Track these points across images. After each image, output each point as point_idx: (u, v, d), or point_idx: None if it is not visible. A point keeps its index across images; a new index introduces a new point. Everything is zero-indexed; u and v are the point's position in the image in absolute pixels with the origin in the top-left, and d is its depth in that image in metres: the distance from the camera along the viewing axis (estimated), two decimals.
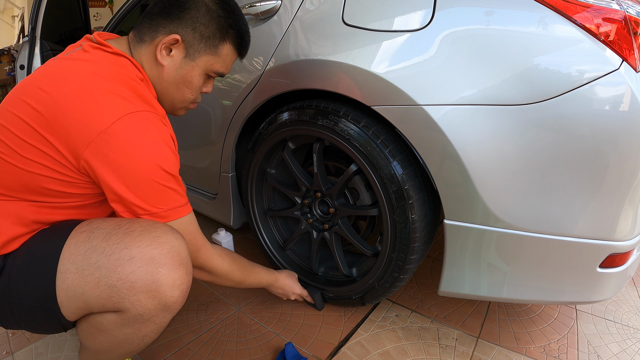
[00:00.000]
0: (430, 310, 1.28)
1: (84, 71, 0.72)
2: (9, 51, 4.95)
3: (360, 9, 0.95)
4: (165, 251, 0.69)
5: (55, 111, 0.68)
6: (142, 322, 0.71)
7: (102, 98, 0.69)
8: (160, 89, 0.85)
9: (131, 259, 0.67)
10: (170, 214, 0.76)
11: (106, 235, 0.70)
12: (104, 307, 0.69)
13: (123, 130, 0.68)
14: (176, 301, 0.71)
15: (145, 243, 0.69)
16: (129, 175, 0.70)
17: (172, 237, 0.72)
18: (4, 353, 1.08)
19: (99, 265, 0.67)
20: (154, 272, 0.68)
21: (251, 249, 1.64)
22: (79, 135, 0.68)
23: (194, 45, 0.81)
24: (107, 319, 0.71)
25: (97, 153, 0.68)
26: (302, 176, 1.18)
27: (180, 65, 0.82)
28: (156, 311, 0.70)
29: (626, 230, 0.85)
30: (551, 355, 1.11)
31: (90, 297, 0.68)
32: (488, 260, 0.93)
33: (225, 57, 0.86)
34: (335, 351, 1.10)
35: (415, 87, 0.86)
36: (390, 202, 0.99)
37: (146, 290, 0.67)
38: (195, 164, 1.48)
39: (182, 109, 0.91)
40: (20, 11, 8.59)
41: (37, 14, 1.88)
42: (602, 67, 0.75)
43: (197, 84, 0.86)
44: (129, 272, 0.67)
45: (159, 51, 0.80)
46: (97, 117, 0.67)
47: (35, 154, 0.69)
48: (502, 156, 0.83)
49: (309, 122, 1.07)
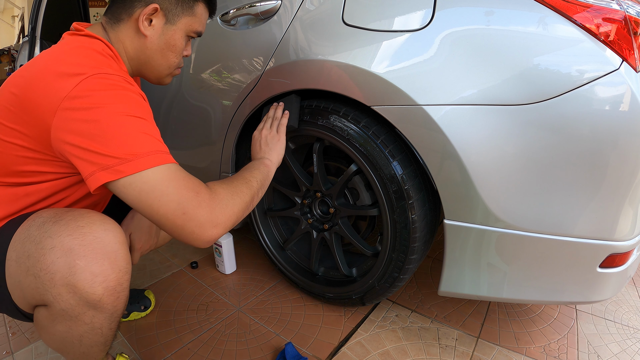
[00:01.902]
0: (430, 310, 1.28)
1: (52, 52, 0.73)
2: (9, 51, 4.95)
3: (360, 9, 0.95)
4: (86, 242, 0.65)
5: (27, 91, 0.68)
6: (70, 320, 0.68)
7: (63, 69, 0.68)
8: (145, 59, 0.87)
9: (52, 249, 0.64)
10: (150, 159, 0.65)
11: (41, 224, 0.68)
12: (35, 299, 0.68)
13: (83, 89, 0.65)
14: (100, 299, 0.66)
15: (67, 232, 0.65)
16: (97, 132, 0.64)
17: (98, 227, 0.67)
18: (4, 353, 1.08)
19: (29, 254, 0.66)
20: (71, 264, 0.64)
21: (251, 249, 1.64)
22: (46, 105, 0.66)
23: (172, 10, 0.84)
24: (41, 313, 0.70)
25: (63, 119, 0.65)
26: (302, 176, 1.18)
27: (162, 32, 0.85)
28: (80, 308, 0.66)
29: (626, 230, 0.85)
30: (551, 355, 1.11)
31: (24, 286, 0.68)
32: (488, 260, 0.93)
33: (201, 16, 0.90)
34: (335, 351, 1.10)
35: (415, 87, 0.86)
36: (390, 202, 0.99)
37: (64, 283, 0.64)
38: (195, 164, 1.48)
39: (168, 75, 0.93)
40: (20, 11, 8.59)
41: (37, 14, 1.88)
42: (602, 67, 0.75)
43: (180, 47, 0.89)
44: (49, 263, 0.64)
45: (141, 23, 0.82)
46: (59, 84, 0.66)
47: (12, 134, 0.70)
48: (502, 156, 0.83)
49: (308, 122, 1.07)
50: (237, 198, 0.78)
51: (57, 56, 0.71)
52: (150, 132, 0.68)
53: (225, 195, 0.75)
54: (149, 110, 0.74)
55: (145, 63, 0.88)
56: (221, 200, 0.73)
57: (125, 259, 0.69)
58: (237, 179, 0.85)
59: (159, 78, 0.93)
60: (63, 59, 0.70)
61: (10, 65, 4.68)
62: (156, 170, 0.65)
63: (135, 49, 0.86)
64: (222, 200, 0.73)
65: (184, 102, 1.37)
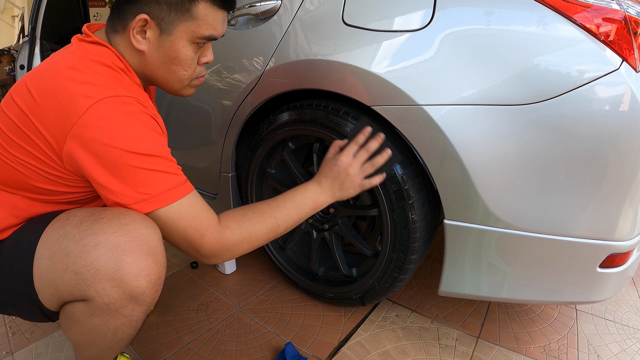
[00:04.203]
0: (430, 310, 1.28)
1: (61, 65, 0.70)
2: (9, 51, 4.95)
3: (360, 9, 0.95)
4: (131, 239, 0.67)
5: (36, 111, 0.68)
6: (110, 313, 0.69)
7: (74, 89, 0.67)
8: (151, 75, 0.80)
9: (96, 245, 0.66)
10: (161, 199, 0.70)
11: (78, 222, 0.69)
12: (72, 295, 0.69)
13: (96, 117, 0.66)
14: (143, 292, 0.68)
15: (111, 229, 0.67)
16: (109, 163, 0.67)
17: (141, 225, 0.69)
18: (4, 353, 1.08)
19: (68, 252, 0.67)
20: (117, 260, 0.66)
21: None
22: (57, 130, 0.67)
23: (164, 19, 0.74)
24: (77, 308, 0.71)
25: (75, 146, 0.67)
26: (302, 176, 1.18)
27: (159, 45, 0.76)
28: (123, 301, 0.68)
29: (626, 230, 0.85)
30: (551, 355, 1.11)
31: (60, 284, 0.68)
32: (488, 260, 0.93)
33: (206, 17, 0.76)
34: (335, 351, 1.10)
35: (415, 87, 0.86)
36: (390, 202, 0.99)
37: (110, 278, 0.66)
38: (195, 164, 1.47)
39: (185, 87, 0.84)
40: (20, 11, 8.59)
41: (37, 14, 1.88)
42: (602, 67, 0.75)
43: (187, 58, 0.78)
44: (93, 259, 0.65)
45: (132, 38, 0.74)
46: (70, 108, 0.66)
47: (25, 154, 0.70)
48: (502, 156, 0.83)
49: (309, 121, 1.07)
50: (246, 245, 0.81)
51: (66, 73, 0.69)
52: (161, 167, 0.70)
53: (232, 242, 0.78)
54: (159, 134, 0.72)
55: (151, 78, 0.81)
56: (225, 246, 0.77)
57: (164, 254, 0.72)
58: (265, 212, 0.84)
59: (175, 92, 0.85)
60: (73, 76, 0.68)
61: (10, 65, 4.68)
62: (168, 209, 0.71)
63: (137, 64, 0.78)
64: (226, 246, 0.78)
65: (184, 102, 1.37)
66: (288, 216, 0.86)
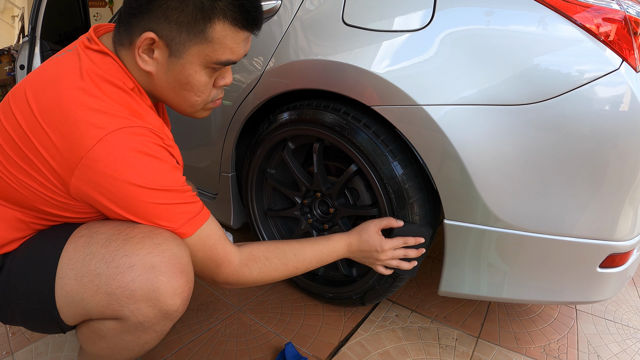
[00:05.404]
0: (430, 310, 1.28)
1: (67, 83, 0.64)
2: (9, 51, 4.95)
3: (360, 9, 0.95)
4: (166, 259, 0.66)
5: (37, 132, 0.64)
6: (143, 330, 0.69)
7: (83, 116, 0.62)
8: (159, 96, 0.75)
9: (131, 267, 0.65)
10: (179, 233, 0.71)
11: (105, 241, 0.67)
12: (103, 315, 0.68)
13: (106, 152, 0.62)
14: (177, 309, 0.69)
15: (145, 250, 0.66)
16: (124, 200, 0.66)
17: (173, 243, 0.69)
18: (4, 353, 1.08)
19: (98, 273, 0.66)
20: (154, 281, 0.65)
21: None
22: (62, 160, 0.63)
23: (174, 39, 0.66)
24: (106, 326, 0.70)
25: (85, 180, 0.64)
26: (302, 176, 1.18)
27: (168, 68, 0.69)
28: (157, 319, 0.68)
29: (626, 230, 0.85)
30: (551, 355, 1.11)
31: (89, 304, 0.67)
32: (488, 260, 0.93)
33: (224, 40, 0.67)
34: (335, 351, 1.10)
35: (415, 87, 0.86)
36: (390, 202, 0.99)
37: (146, 298, 0.65)
38: (195, 164, 1.48)
39: (199, 111, 0.78)
40: (20, 11, 8.59)
41: (37, 14, 1.88)
42: (602, 67, 0.75)
43: (200, 83, 0.71)
44: (128, 280, 0.65)
45: (138, 58, 0.67)
46: (78, 138, 0.62)
47: (27, 176, 0.66)
48: (502, 156, 0.83)
49: (309, 121, 1.07)
50: (260, 282, 0.84)
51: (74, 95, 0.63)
52: (178, 200, 0.70)
53: (248, 279, 0.81)
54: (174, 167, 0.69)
55: (161, 99, 0.75)
56: (239, 280, 0.81)
57: (192, 270, 0.72)
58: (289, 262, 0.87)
59: (187, 115, 0.78)
60: (82, 100, 0.63)
61: (10, 65, 4.68)
62: (187, 241, 0.72)
63: (145, 83, 0.72)
64: (240, 280, 0.81)
65: None
66: (308, 267, 0.91)
